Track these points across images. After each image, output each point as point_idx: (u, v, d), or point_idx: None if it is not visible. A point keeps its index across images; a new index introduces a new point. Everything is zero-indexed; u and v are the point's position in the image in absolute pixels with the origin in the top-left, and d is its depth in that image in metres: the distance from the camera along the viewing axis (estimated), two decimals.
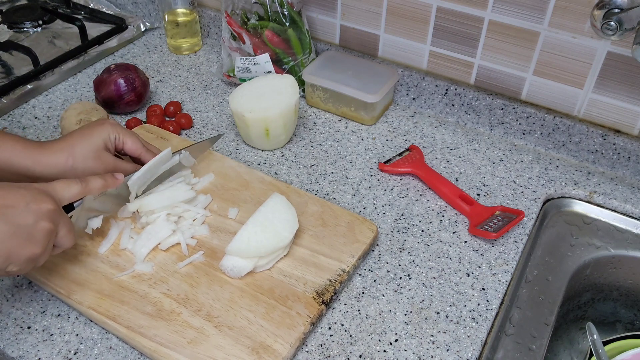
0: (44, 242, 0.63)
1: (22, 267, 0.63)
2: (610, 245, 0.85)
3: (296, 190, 0.86)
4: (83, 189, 0.69)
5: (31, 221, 0.62)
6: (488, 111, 0.99)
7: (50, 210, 0.63)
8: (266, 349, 0.66)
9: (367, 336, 0.70)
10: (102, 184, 0.71)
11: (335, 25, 1.09)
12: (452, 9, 0.94)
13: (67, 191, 0.67)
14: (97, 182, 0.71)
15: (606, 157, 0.93)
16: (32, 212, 0.62)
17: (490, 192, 0.90)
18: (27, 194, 0.62)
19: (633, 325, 0.94)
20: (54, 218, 0.64)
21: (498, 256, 0.80)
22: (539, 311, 0.76)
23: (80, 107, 0.94)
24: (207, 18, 1.22)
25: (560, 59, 0.90)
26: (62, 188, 0.67)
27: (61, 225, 0.65)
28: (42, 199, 0.63)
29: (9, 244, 0.61)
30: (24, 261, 0.62)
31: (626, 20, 0.74)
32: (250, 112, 0.90)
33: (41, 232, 0.62)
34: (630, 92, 0.88)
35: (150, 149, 0.82)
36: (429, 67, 1.03)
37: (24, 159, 0.72)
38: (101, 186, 0.71)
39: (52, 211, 0.63)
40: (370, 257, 0.80)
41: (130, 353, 0.68)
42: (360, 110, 1.01)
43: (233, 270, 0.73)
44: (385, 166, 0.92)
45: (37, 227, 0.62)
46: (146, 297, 0.71)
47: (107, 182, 0.72)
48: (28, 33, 1.21)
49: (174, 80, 1.13)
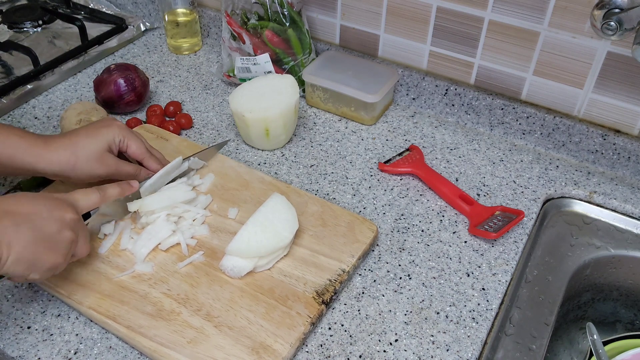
0: (66, 250, 0.64)
1: (42, 275, 0.63)
2: (610, 245, 0.85)
3: (296, 190, 0.86)
4: (101, 198, 0.71)
5: (55, 229, 0.62)
6: (488, 111, 0.99)
7: (73, 219, 0.65)
8: (266, 349, 0.66)
9: (367, 336, 0.70)
10: (119, 192, 0.73)
11: (335, 25, 1.09)
12: (452, 9, 0.94)
13: (87, 200, 0.69)
14: (114, 191, 0.73)
15: (606, 157, 0.93)
16: (56, 221, 0.63)
17: (490, 192, 0.90)
18: (50, 203, 0.64)
19: (633, 325, 0.94)
20: (76, 227, 0.65)
21: (498, 256, 0.80)
22: (539, 311, 0.76)
23: (80, 107, 0.94)
24: (207, 18, 1.22)
25: (560, 59, 0.90)
26: (82, 198, 0.69)
27: (80, 234, 0.66)
28: (65, 208, 0.64)
29: (34, 250, 0.61)
30: (46, 270, 0.63)
31: (626, 20, 0.74)
32: (250, 112, 0.90)
33: (64, 241, 0.63)
34: (630, 92, 0.88)
35: (154, 154, 0.82)
36: (429, 67, 1.03)
37: (28, 155, 0.73)
38: (118, 194, 0.73)
39: (75, 220, 0.65)
40: (370, 257, 0.80)
41: (130, 353, 0.68)
42: (360, 110, 1.01)
43: (233, 270, 0.73)
44: (385, 166, 0.92)
45: (61, 236, 0.63)
46: (146, 297, 0.71)
47: (123, 190, 0.74)
48: (28, 33, 1.21)
49: (174, 80, 1.13)
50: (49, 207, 0.63)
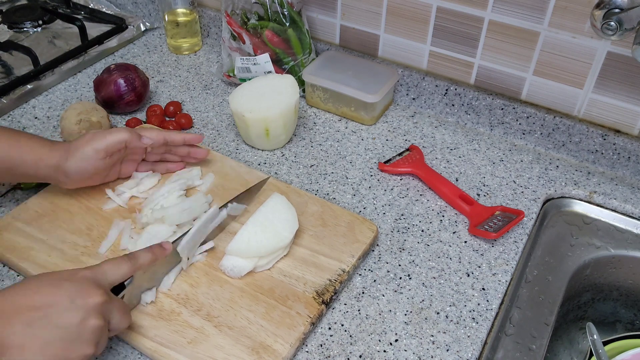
0: (95, 340, 0.58)
1: None
2: (610, 245, 0.85)
3: (296, 190, 0.86)
4: (133, 267, 0.65)
5: (78, 319, 0.56)
6: (488, 111, 0.99)
7: (98, 304, 0.58)
8: (266, 349, 0.66)
9: (367, 336, 0.70)
10: (151, 258, 0.67)
11: (335, 25, 1.09)
12: (452, 9, 0.94)
13: (117, 272, 0.63)
14: (146, 257, 0.67)
15: (606, 157, 0.93)
16: (79, 310, 0.56)
17: (490, 192, 0.90)
18: (71, 288, 0.57)
19: (633, 325, 0.94)
20: (104, 311, 0.59)
21: (498, 256, 0.80)
22: (539, 311, 0.76)
23: (80, 107, 0.94)
24: (207, 18, 1.22)
25: (560, 59, 0.90)
26: (111, 270, 0.63)
27: (114, 312, 0.61)
28: (89, 292, 0.58)
29: (55, 350, 0.55)
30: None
31: (626, 20, 0.73)
32: (250, 112, 0.90)
33: (90, 330, 0.57)
34: (630, 92, 0.88)
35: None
36: (429, 67, 1.03)
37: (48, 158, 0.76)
38: (150, 260, 0.67)
39: (101, 304, 0.58)
40: (370, 257, 0.80)
41: (130, 353, 0.68)
42: (360, 110, 1.01)
43: (233, 270, 0.73)
44: (385, 166, 0.92)
45: (86, 326, 0.57)
46: None
47: (155, 254, 0.68)
48: (28, 33, 1.21)
49: (174, 80, 1.13)
50: (71, 294, 0.57)
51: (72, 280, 0.59)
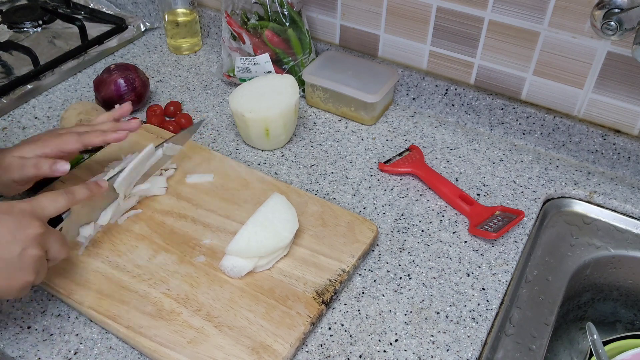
0: (35, 268, 0.62)
1: (18, 294, 0.62)
2: (610, 245, 0.85)
3: (296, 190, 0.86)
4: (69, 201, 0.67)
5: (17, 251, 0.60)
6: (488, 111, 0.99)
7: (37, 235, 0.61)
8: (266, 348, 0.66)
9: (367, 336, 0.70)
10: (87, 193, 0.69)
11: (335, 25, 1.09)
12: (452, 9, 0.94)
13: (54, 205, 0.65)
14: (83, 192, 0.69)
15: (606, 157, 0.93)
16: (18, 242, 0.60)
17: (490, 192, 0.90)
18: (10, 221, 0.60)
19: (633, 325, 0.94)
20: (42, 241, 0.62)
21: (498, 256, 0.80)
22: (539, 311, 0.76)
23: (80, 107, 0.94)
24: (207, 18, 1.22)
25: (560, 59, 0.90)
26: (48, 203, 0.65)
27: (52, 243, 0.64)
28: (27, 224, 0.61)
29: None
30: (18, 290, 0.61)
31: (626, 20, 0.74)
32: (250, 112, 0.90)
33: (30, 259, 0.61)
34: (630, 92, 0.88)
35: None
36: (429, 67, 1.03)
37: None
38: (86, 195, 0.69)
39: (40, 235, 0.62)
40: (370, 257, 0.80)
41: (130, 353, 0.68)
42: (360, 110, 1.01)
43: (233, 270, 0.73)
44: (385, 166, 0.92)
45: (25, 256, 0.60)
46: (146, 297, 0.71)
47: (91, 190, 0.70)
48: (28, 33, 1.21)
49: (174, 80, 1.13)
50: (10, 228, 0.60)
51: (10, 213, 0.61)
